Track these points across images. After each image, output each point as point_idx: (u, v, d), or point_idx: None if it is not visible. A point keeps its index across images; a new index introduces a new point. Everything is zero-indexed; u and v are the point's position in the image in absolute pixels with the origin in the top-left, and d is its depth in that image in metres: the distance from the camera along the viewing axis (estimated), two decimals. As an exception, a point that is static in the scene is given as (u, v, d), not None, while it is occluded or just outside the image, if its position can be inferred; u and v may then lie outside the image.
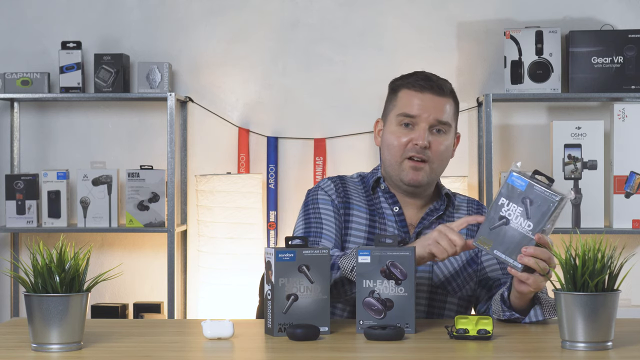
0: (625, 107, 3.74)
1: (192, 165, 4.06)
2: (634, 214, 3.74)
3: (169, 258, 3.79)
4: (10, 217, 3.89)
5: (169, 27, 4.05)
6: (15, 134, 4.03)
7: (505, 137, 3.97)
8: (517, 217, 2.11)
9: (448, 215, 2.51)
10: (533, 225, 2.10)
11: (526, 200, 2.10)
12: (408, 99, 2.45)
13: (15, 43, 4.06)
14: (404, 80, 2.49)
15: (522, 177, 2.11)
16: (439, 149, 2.43)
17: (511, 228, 2.12)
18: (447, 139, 2.46)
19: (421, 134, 2.41)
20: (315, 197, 2.50)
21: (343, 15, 4.02)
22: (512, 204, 2.12)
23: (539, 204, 2.09)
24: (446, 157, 2.47)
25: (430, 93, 2.43)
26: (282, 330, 2.09)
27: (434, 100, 2.43)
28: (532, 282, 2.14)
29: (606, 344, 1.91)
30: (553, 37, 3.80)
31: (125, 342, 2.06)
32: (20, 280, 1.94)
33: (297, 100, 4.02)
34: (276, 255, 2.09)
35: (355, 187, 2.52)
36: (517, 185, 2.11)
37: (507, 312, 2.26)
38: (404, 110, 2.44)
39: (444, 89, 2.46)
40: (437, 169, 2.45)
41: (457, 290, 2.45)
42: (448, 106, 2.45)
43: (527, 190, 2.10)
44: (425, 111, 2.42)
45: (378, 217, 2.47)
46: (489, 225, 2.14)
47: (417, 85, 2.45)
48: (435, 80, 2.46)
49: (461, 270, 2.46)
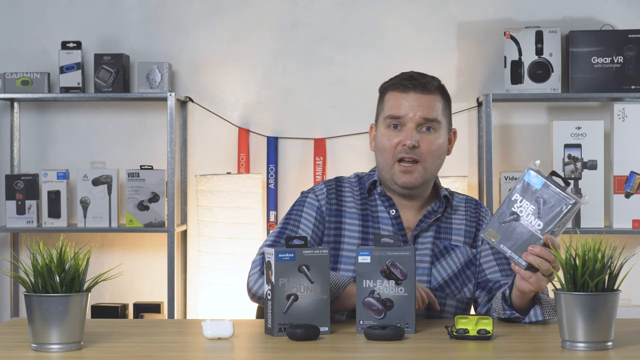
0: (625, 107, 3.74)
1: (192, 165, 4.06)
2: (634, 214, 3.74)
3: (169, 258, 3.79)
4: (10, 217, 3.89)
5: (169, 27, 4.05)
6: (15, 134, 4.03)
7: (505, 137, 3.97)
8: (528, 214, 2.11)
9: (446, 217, 2.50)
10: (543, 225, 2.10)
11: (540, 200, 2.10)
12: (394, 101, 2.44)
13: (15, 43, 4.06)
14: (389, 83, 2.48)
15: (539, 176, 2.11)
16: (429, 147, 2.41)
17: (521, 225, 2.12)
18: (438, 136, 2.44)
19: (409, 134, 2.40)
20: (303, 201, 2.50)
21: (343, 15, 4.02)
22: (525, 201, 2.12)
23: (552, 204, 2.09)
24: (439, 155, 2.45)
25: (414, 92, 2.42)
26: (282, 330, 2.09)
27: (420, 99, 2.42)
28: (534, 282, 2.14)
29: (606, 344, 1.91)
30: (553, 37, 3.80)
31: (125, 342, 2.06)
32: (20, 280, 1.94)
33: (297, 100, 4.02)
34: (276, 255, 2.09)
35: (351, 190, 2.51)
36: (532, 183, 2.11)
37: (507, 311, 2.26)
38: (390, 112, 2.43)
39: (429, 86, 2.44)
40: (430, 167, 2.43)
41: (456, 292, 2.45)
42: (435, 103, 2.43)
43: (542, 189, 2.10)
44: (410, 110, 2.41)
45: (372, 222, 2.46)
46: (499, 219, 2.14)
47: (400, 86, 2.44)
48: (420, 78, 2.45)
49: (460, 273, 2.45)
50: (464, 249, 2.47)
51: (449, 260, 2.44)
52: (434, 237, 2.46)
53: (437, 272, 2.44)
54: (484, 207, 2.56)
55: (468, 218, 2.51)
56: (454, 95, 3.96)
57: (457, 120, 3.97)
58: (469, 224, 2.50)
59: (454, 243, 2.46)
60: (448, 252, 2.45)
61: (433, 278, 2.43)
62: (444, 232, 2.47)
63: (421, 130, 2.42)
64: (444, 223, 2.48)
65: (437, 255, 2.44)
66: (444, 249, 2.45)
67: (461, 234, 2.47)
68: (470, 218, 2.51)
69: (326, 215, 2.46)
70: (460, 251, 2.46)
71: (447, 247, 2.46)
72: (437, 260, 2.44)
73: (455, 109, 3.95)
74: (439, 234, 2.47)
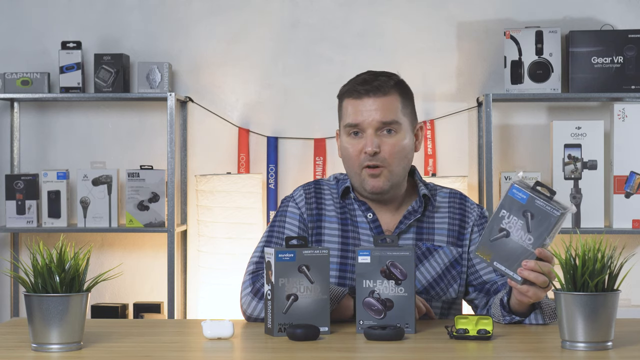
0: (625, 107, 3.74)
1: (192, 165, 4.06)
2: (634, 214, 3.74)
3: (169, 258, 3.79)
4: (10, 217, 3.89)
5: (169, 27, 4.05)
6: (15, 134, 4.03)
7: (505, 137, 3.97)
8: (517, 230, 2.09)
9: (427, 216, 2.45)
10: (534, 240, 2.08)
11: (527, 214, 2.08)
12: (350, 108, 2.40)
13: (15, 43, 4.07)
14: (345, 89, 2.44)
15: (523, 190, 2.09)
16: (391, 150, 2.37)
17: (511, 241, 2.10)
18: (401, 138, 2.39)
19: (369, 141, 2.36)
20: (285, 210, 2.48)
21: (343, 15, 4.02)
22: (512, 217, 2.10)
23: (540, 218, 2.07)
24: (404, 155, 2.40)
25: (368, 97, 2.38)
26: (282, 330, 2.09)
27: (375, 103, 2.37)
28: (532, 295, 2.13)
29: (606, 344, 1.91)
30: (553, 37, 3.80)
31: (125, 342, 2.06)
32: (20, 280, 1.94)
33: (297, 100, 4.02)
34: (276, 256, 2.09)
35: (330, 193, 2.48)
36: (517, 198, 2.09)
37: (507, 317, 2.25)
38: (348, 120, 2.40)
39: (384, 88, 2.38)
40: (396, 170, 2.39)
41: (442, 294, 2.42)
42: (392, 104, 2.38)
43: (528, 203, 2.08)
44: (368, 116, 2.37)
45: (351, 227, 2.43)
46: (489, 236, 2.12)
47: (354, 92, 2.40)
48: (373, 81, 2.39)
49: (444, 274, 2.42)
50: (448, 249, 2.42)
51: (432, 262, 2.41)
52: (415, 239, 2.42)
53: (420, 275, 2.40)
54: (470, 201, 2.50)
55: (451, 216, 2.46)
56: (454, 95, 3.97)
57: (457, 120, 3.97)
58: (453, 222, 2.45)
59: (436, 244, 2.42)
60: (431, 254, 2.41)
61: (417, 281, 2.40)
62: (425, 233, 2.43)
63: (382, 134, 2.38)
64: (425, 223, 2.44)
65: (419, 257, 2.40)
66: (427, 251, 2.41)
67: (444, 233, 2.44)
68: (454, 215, 2.46)
69: (308, 221, 2.44)
70: (443, 252, 2.42)
71: (430, 248, 2.42)
72: (420, 262, 2.40)
73: (455, 109, 3.97)
74: (421, 235, 2.43)
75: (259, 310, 2.30)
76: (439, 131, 3.97)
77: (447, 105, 3.97)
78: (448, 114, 3.97)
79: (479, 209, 2.49)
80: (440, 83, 3.97)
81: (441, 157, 3.98)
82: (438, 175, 3.93)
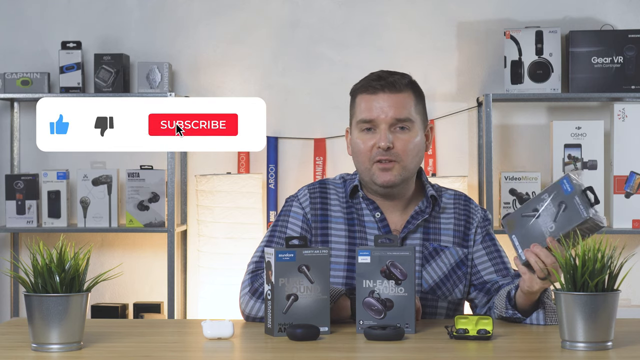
0: (625, 107, 3.74)
1: (192, 165, 4.06)
2: (634, 214, 3.74)
3: (169, 258, 3.79)
4: (10, 217, 3.89)
5: (169, 27, 4.05)
6: (15, 134, 4.03)
7: (505, 137, 3.97)
8: (547, 215, 2.14)
9: (434, 217, 2.46)
10: (554, 229, 2.12)
11: (562, 205, 2.12)
12: (364, 104, 2.40)
13: (15, 43, 4.07)
14: (359, 85, 2.45)
15: (572, 184, 2.13)
16: (404, 146, 2.38)
17: (537, 223, 2.15)
18: (413, 135, 2.40)
19: (382, 136, 2.37)
20: (288, 210, 2.47)
21: (343, 15, 4.02)
22: (550, 203, 2.14)
23: (570, 213, 2.11)
24: (416, 153, 2.40)
25: (383, 93, 2.39)
26: (282, 330, 2.09)
27: (390, 99, 2.38)
28: (527, 279, 2.16)
29: (606, 344, 1.91)
30: (553, 37, 3.80)
31: (125, 342, 2.06)
32: (20, 280, 1.94)
33: (297, 100, 4.02)
34: (276, 256, 2.09)
35: (336, 193, 2.48)
36: (563, 188, 2.13)
37: (510, 310, 2.26)
38: (362, 116, 2.40)
39: (398, 84, 2.39)
40: (408, 166, 2.39)
41: (448, 294, 2.42)
42: (407, 101, 2.40)
43: (569, 197, 2.12)
44: (382, 112, 2.38)
45: (358, 226, 2.43)
46: (522, 211, 2.18)
47: (370, 88, 2.40)
48: (388, 77, 2.41)
49: (450, 274, 2.43)
50: (454, 249, 2.43)
51: (439, 262, 2.42)
52: (422, 239, 2.42)
53: (427, 275, 2.41)
54: (474, 203, 2.52)
55: (457, 216, 2.47)
56: (454, 95, 3.97)
57: (457, 120, 3.97)
58: (458, 223, 2.46)
59: (443, 244, 2.43)
60: (438, 254, 2.42)
61: (424, 281, 2.40)
62: (432, 233, 2.44)
63: (395, 130, 2.38)
64: (432, 223, 2.45)
65: (427, 257, 2.41)
66: (434, 251, 2.42)
67: (450, 234, 2.44)
68: (459, 216, 2.47)
69: (312, 222, 2.44)
70: (450, 252, 2.43)
71: (437, 248, 2.42)
72: (427, 262, 2.41)
73: (455, 109, 3.97)
74: (428, 235, 2.43)
75: (257, 310, 2.30)
76: (439, 131, 3.97)
77: (447, 105, 3.97)
78: (448, 114, 3.97)
79: (482, 212, 2.51)
80: (440, 83, 3.97)
81: (441, 157, 3.98)
82: (438, 175, 3.93)
